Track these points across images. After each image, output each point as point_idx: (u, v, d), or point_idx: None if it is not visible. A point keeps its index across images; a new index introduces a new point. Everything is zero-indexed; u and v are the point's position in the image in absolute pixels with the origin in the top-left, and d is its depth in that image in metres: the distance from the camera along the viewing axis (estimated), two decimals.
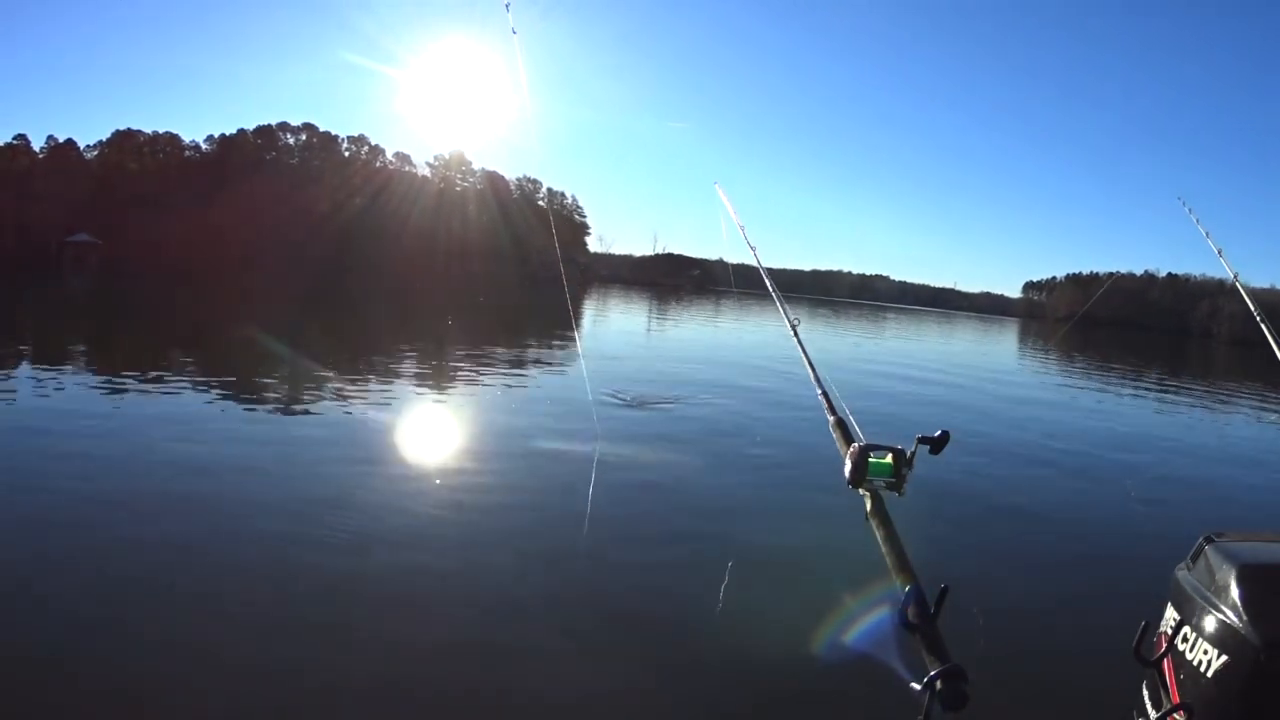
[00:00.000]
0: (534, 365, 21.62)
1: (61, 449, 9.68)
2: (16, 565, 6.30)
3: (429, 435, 12.57)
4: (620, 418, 13.68)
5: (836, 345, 41.01)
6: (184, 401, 13.17)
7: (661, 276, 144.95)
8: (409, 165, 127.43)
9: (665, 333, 43.04)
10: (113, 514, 7.59)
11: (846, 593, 6.10)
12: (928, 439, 2.09)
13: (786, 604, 6.31)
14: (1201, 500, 12.27)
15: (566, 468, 10.32)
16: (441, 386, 17.06)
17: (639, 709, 5.12)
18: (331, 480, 9.12)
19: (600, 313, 54.05)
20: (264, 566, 6.60)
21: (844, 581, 6.18)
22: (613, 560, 7.40)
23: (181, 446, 10.19)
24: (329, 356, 19.89)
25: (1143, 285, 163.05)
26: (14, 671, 4.80)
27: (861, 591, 5.88)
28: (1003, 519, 10.13)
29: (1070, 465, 14.06)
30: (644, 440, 12.27)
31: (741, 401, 16.98)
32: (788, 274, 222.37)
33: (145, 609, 5.73)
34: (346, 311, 37.76)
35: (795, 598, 6.43)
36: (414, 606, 6.17)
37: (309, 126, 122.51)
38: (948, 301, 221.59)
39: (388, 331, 29.82)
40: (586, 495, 8.87)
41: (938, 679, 1.62)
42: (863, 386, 21.21)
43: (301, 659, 5.18)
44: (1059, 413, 21.79)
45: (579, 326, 33.85)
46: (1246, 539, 2.88)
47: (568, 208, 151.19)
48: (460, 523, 8.14)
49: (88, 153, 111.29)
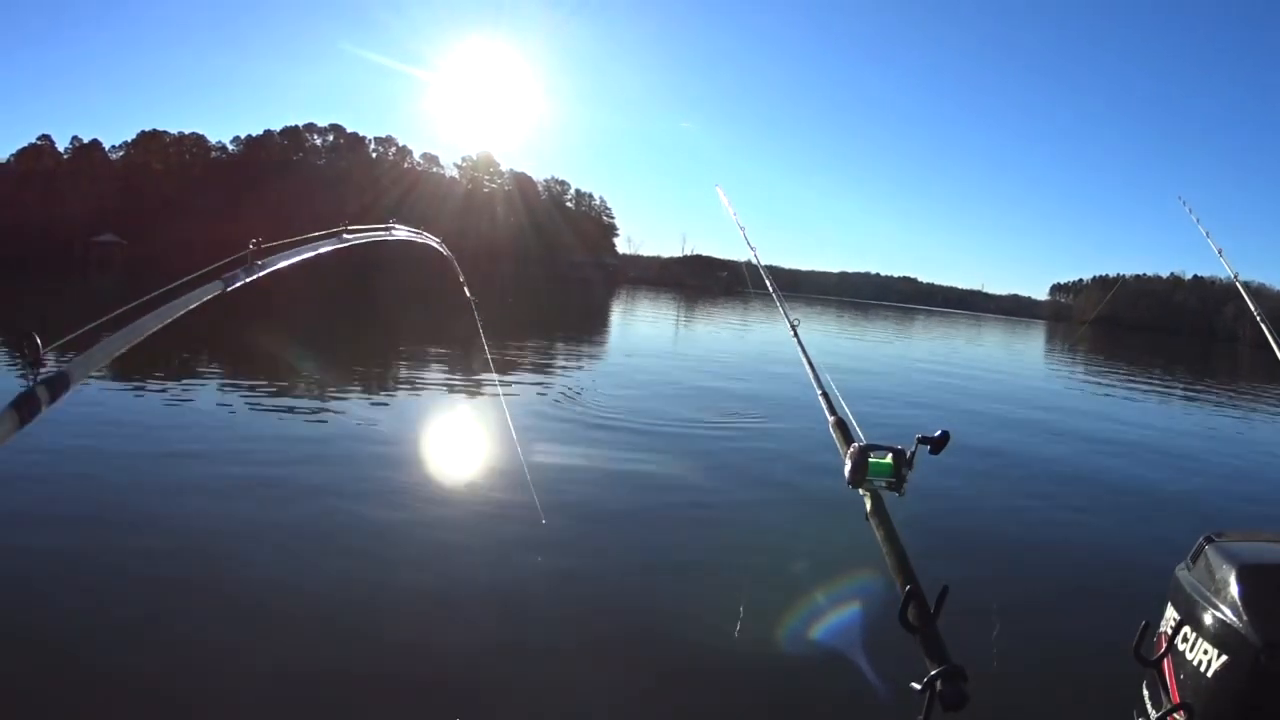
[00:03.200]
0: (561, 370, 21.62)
1: (97, 449, 9.80)
2: (39, 565, 6.38)
3: (453, 437, 12.66)
4: (627, 422, 13.75)
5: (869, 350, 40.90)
6: (203, 402, 13.35)
7: (689, 278, 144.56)
8: (437, 166, 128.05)
9: (694, 335, 43.00)
10: (143, 514, 7.72)
11: (846, 592, 6.14)
12: (928, 439, 2.07)
13: (787, 604, 6.29)
14: (1201, 500, 12.18)
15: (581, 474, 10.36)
16: (471, 388, 17.14)
17: (639, 710, 5.15)
18: (361, 483, 9.20)
19: (626, 315, 53.93)
20: (284, 569, 6.65)
21: (844, 581, 6.21)
22: (613, 560, 7.41)
23: (201, 445, 10.34)
24: (357, 359, 20.10)
25: (1169, 288, 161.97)
26: (40, 671, 4.88)
27: (861, 591, 5.91)
28: (1003, 519, 10.11)
29: (1071, 465, 14.02)
30: (646, 443, 12.30)
31: (747, 401, 17.02)
32: (816, 276, 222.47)
33: (166, 609, 5.81)
34: (373, 313, 37.82)
35: (795, 598, 6.42)
36: (445, 608, 6.22)
37: (336, 127, 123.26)
38: (975, 304, 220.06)
39: (413, 332, 29.85)
40: (591, 497, 9.00)
41: (938, 679, 1.61)
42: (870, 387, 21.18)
43: (330, 660, 5.24)
44: (1061, 414, 21.60)
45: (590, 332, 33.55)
46: (1246, 539, 2.89)
47: (596, 209, 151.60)
48: (485, 525, 8.20)
49: (113, 153, 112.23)
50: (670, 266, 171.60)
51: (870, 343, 49.25)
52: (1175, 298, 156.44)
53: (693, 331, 45.71)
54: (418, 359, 21.52)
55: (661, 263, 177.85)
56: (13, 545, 6.71)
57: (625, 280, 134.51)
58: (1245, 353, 73.91)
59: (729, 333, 43.97)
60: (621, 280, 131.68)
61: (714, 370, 23.64)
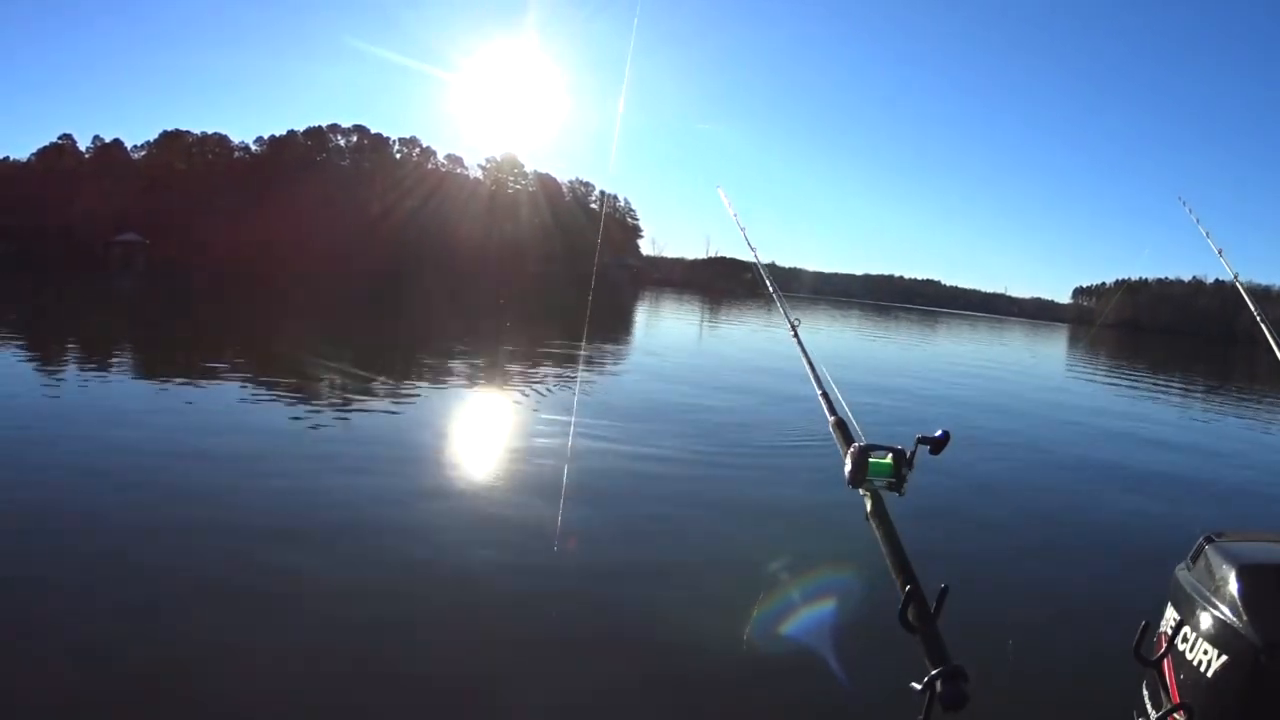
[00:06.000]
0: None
1: (116, 444, 10.02)
2: (58, 563, 6.43)
3: (479, 435, 12.80)
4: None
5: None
6: (228, 400, 13.40)
7: (714, 280, 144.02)
8: (461, 168, 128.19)
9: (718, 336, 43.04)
10: (164, 511, 7.78)
11: (846, 593, 6.13)
12: (928, 439, 2.08)
13: (786, 604, 6.30)
14: (1202, 500, 12.10)
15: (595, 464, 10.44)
16: (496, 386, 17.24)
17: (639, 710, 5.17)
18: (383, 483, 9.27)
19: (651, 320, 53.94)
20: (298, 568, 6.70)
21: (844, 581, 6.20)
22: (612, 562, 7.42)
23: (225, 444, 10.39)
24: (381, 360, 20.24)
25: (1190, 292, 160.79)
26: (66, 669, 4.91)
27: (861, 591, 5.91)
28: (1003, 519, 10.07)
29: (1071, 465, 13.98)
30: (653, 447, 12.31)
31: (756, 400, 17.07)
32: (839, 278, 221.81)
33: (189, 605, 5.86)
34: (397, 314, 37.90)
35: (795, 598, 6.42)
36: (459, 609, 6.27)
37: (360, 128, 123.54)
38: (998, 307, 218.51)
39: (441, 334, 29.98)
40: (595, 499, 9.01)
41: (938, 679, 1.62)
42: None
43: (364, 657, 5.28)
44: (1062, 413, 21.52)
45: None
46: (1246, 539, 2.89)
47: (620, 210, 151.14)
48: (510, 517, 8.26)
49: (135, 153, 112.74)
50: (694, 268, 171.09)
51: (901, 345, 49.27)
52: (1197, 301, 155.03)
53: (717, 332, 45.78)
54: (440, 359, 21.56)
55: (686, 264, 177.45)
56: (45, 545, 6.77)
57: (649, 282, 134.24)
58: (1264, 355, 73.42)
59: (743, 331, 44.02)
60: (646, 282, 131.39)
61: (728, 371, 23.76)
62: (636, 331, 41.10)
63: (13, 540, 6.73)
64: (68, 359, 17.23)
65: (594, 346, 26.30)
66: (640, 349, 30.55)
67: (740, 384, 20.49)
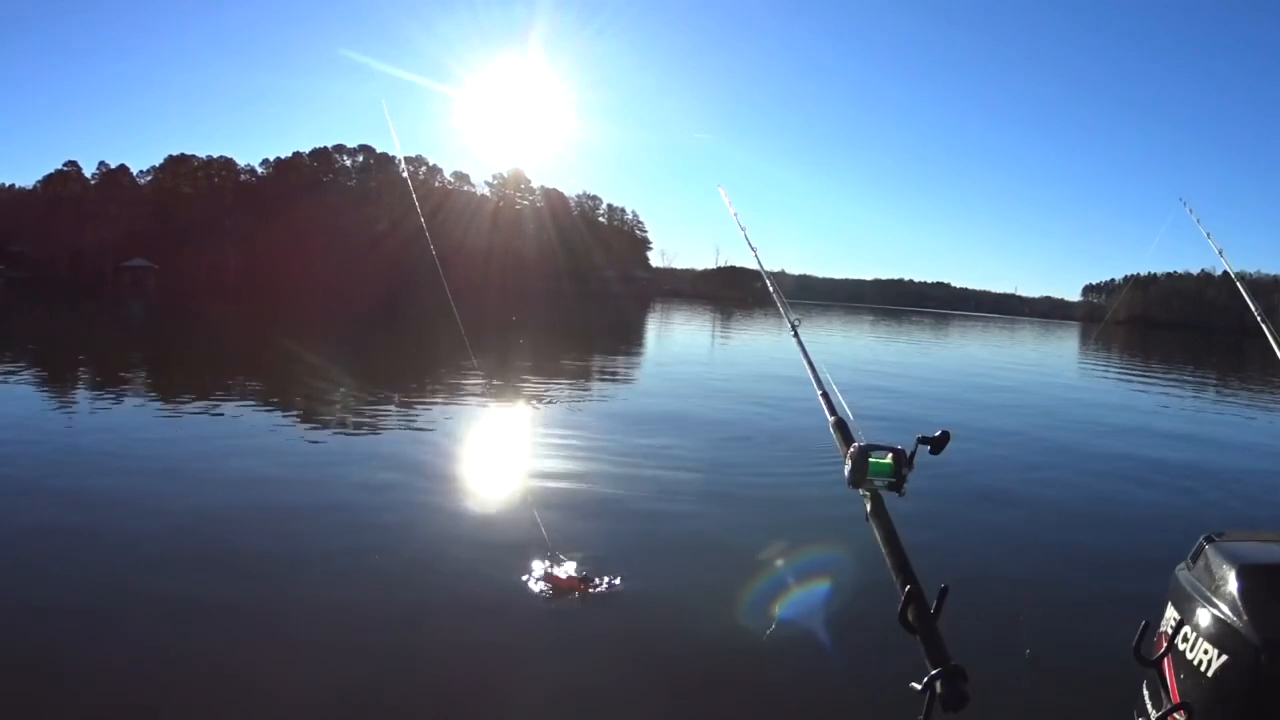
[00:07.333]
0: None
1: (128, 468, 10.08)
2: (67, 584, 6.46)
3: (488, 451, 12.83)
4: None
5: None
6: (237, 422, 13.52)
7: (723, 290, 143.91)
8: (467, 184, 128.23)
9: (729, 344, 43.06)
10: (175, 534, 7.78)
11: (846, 593, 6.17)
12: (928, 439, 2.07)
13: (787, 604, 6.30)
14: (1202, 499, 11.97)
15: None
16: (506, 403, 17.28)
17: (641, 710, 5.19)
18: (391, 501, 9.26)
19: (662, 330, 53.92)
20: (301, 586, 6.72)
21: (844, 581, 6.24)
22: (612, 565, 7.41)
23: (239, 466, 10.44)
24: (393, 379, 20.34)
25: (1200, 286, 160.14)
26: (77, 690, 4.95)
27: (861, 591, 5.92)
28: (1003, 519, 10.05)
29: (1071, 465, 13.89)
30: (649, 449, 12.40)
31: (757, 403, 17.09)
32: (850, 284, 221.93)
33: (198, 629, 5.87)
34: (407, 331, 37.90)
35: (795, 598, 6.43)
36: (460, 620, 6.28)
37: (366, 148, 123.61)
38: (1009, 307, 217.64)
39: (450, 351, 30.00)
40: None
41: (938, 679, 1.62)
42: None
43: (370, 685, 5.25)
44: (1063, 412, 21.52)
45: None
46: (1246, 539, 2.88)
47: (628, 223, 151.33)
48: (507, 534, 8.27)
49: (141, 178, 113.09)
50: (704, 279, 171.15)
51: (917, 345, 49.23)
52: (1207, 294, 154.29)
53: (728, 342, 45.82)
54: (440, 376, 21.58)
55: (695, 275, 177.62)
56: (64, 561, 6.83)
57: (659, 294, 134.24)
58: (1270, 350, 72.92)
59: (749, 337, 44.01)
60: (655, 294, 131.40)
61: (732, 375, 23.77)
62: (647, 344, 41.22)
63: (30, 569, 6.75)
64: (105, 387, 17.29)
65: (605, 358, 26.31)
66: (652, 360, 30.56)
67: (746, 391, 20.54)
